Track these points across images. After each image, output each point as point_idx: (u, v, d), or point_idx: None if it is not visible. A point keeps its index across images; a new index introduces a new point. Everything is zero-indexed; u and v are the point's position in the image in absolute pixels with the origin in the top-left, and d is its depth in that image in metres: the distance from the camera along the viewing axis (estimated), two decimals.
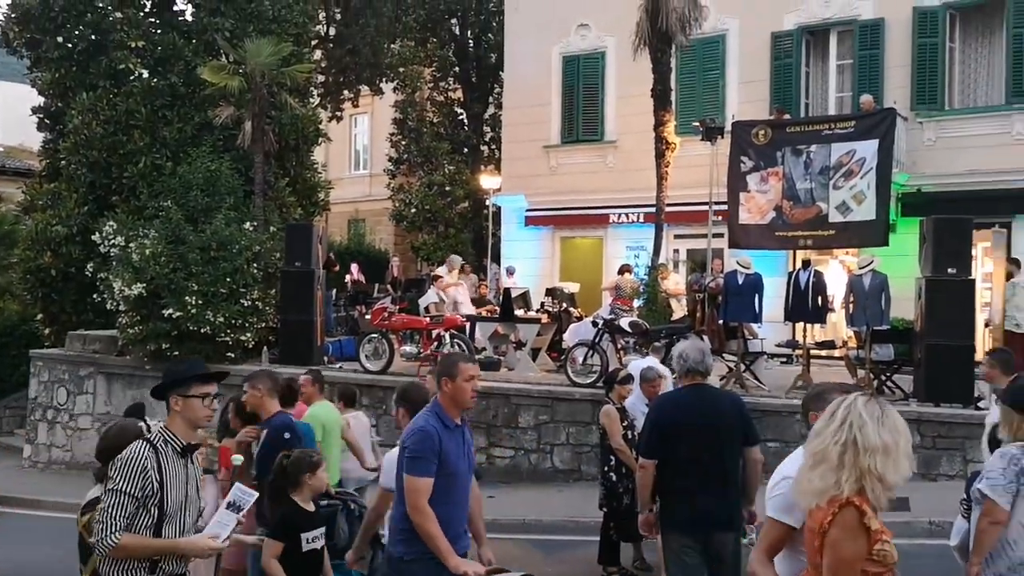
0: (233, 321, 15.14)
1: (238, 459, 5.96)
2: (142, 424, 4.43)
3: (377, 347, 14.13)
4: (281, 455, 5.22)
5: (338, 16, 25.50)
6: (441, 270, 17.20)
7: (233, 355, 15.21)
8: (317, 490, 5.12)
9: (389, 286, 20.48)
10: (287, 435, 5.82)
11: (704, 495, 5.20)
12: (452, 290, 16.36)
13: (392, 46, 25.93)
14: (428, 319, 14.51)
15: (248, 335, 15.38)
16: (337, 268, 19.46)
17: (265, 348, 15.53)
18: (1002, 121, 16.15)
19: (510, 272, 19.07)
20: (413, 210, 26.48)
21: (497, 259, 21.61)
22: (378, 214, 30.67)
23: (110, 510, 3.66)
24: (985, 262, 14.67)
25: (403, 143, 27.93)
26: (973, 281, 12.25)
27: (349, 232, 31.83)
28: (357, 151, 33.97)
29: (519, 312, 15.55)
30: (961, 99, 16.95)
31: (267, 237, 16.50)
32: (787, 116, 16.60)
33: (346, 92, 26.41)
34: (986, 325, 13.64)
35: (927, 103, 16.63)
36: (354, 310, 18.75)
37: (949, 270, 11.65)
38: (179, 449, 3.85)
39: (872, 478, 2.90)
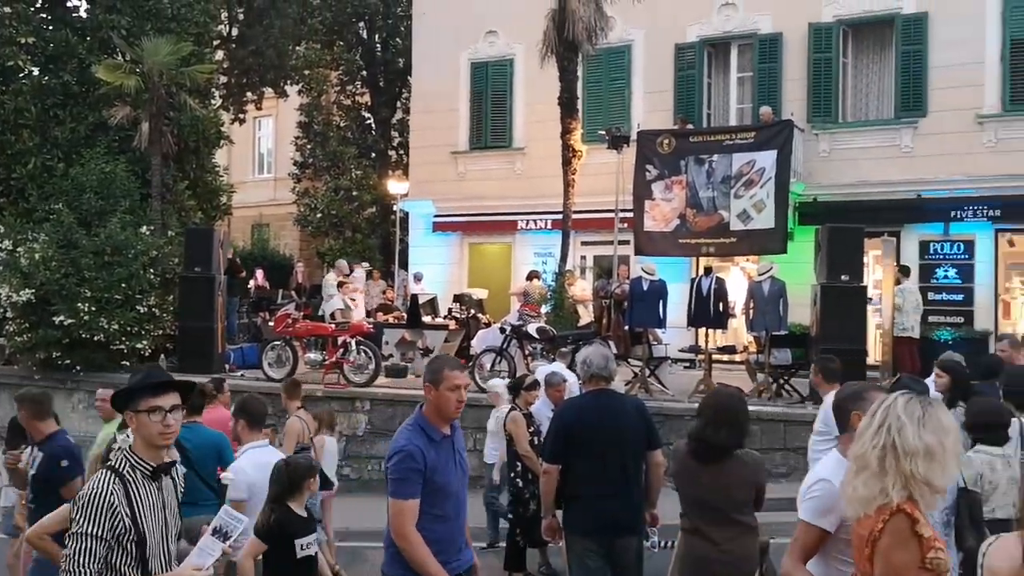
0: (128, 328, 14.66)
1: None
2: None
3: (280, 354, 13.85)
4: (281, 460, 5.10)
5: (241, 16, 24.94)
6: (329, 277, 16.89)
7: (128, 363, 14.68)
8: (311, 496, 5.07)
9: (293, 292, 20.11)
10: (64, 462, 5.63)
11: (607, 499, 5.22)
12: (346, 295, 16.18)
13: (297, 48, 25.50)
14: (333, 326, 14.28)
15: (144, 343, 14.90)
16: (243, 273, 19.01)
17: (163, 356, 15.06)
18: (891, 134, 16.84)
19: (418, 278, 18.94)
20: (319, 215, 26.06)
21: (405, 265, 21.46)
22: (283, 219, 30.09)
23: (77, 557, 3.18)
24: (876, 269, 15.24)
25: (309, 147, 27.46)
26: (864, 288, 12.73)
27: (253, 237, 31.15)
28: (261, 154, 33.29)
29: (427, 318, 15.45)
30: (854, 112, 17.61)
31: (165, 241, 16.02)
32: (690, 126, 16.96)
33: (249, 94, 25.84)
34: (877, 329, 14.18)
35: (822, 115, 17.23)
36: (257, 317, 18.34)
37: (842, 277, 12.07)
38: (148, 473, 3.37)
39: (918, 483, 2.75)
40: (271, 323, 15.70)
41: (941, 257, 16.26)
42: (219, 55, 24.09)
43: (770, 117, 16.10)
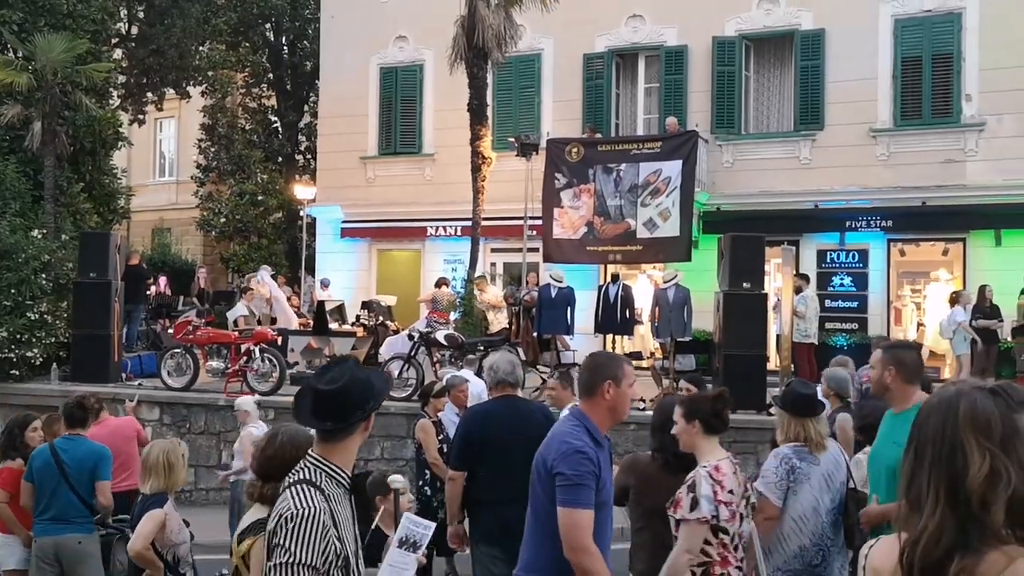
0: (18, 336, 14.04)
1: None
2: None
3: (180, 362, 13.44)
4: (360, 473, 4.70)
5: (141, 15, 24.16)
6: (254, 282, 16.60)
7: (18, 373, 14.06)
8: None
9: (195, 298, 19.54)
10: None
11: (513, 505, 5.17)
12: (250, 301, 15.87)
13: (200, 48, 24.83)
14: (236, 333, 13.93)
15: (35, 351, 14.26)
16: (151, 280, 18.46)
17: (55, 365, 14.41)
18: (791, 146, 17.38)
19: (325, 284, 18.66)
20: (223, 220, 25.43)
21: (312, 271, 21.10)
22: (185, 223, 29.22)
23: None
24: (777, 277, 15.67)
25: (213, 150, 26.78)
26: (765, 295, 13.05)
27: (154, 242, 30.16)
28: (163, 157, 32.29)
29: (334, 325, 15.21)
30: (756, 124, 18.12)
31: (58, 246, 15.40)
32: (599, 135, 17.21)
33: (150, 95, 25.03)
34: (777, 337, 14.57)
35: (725, 127, 17.66)
36: (156, 324, 17.76)
37: (744, 284, 12.34)
38: (345, 484, 2.88)
39: None
40: (171, 330, 15.25)
41: (837, 265, 16.84)
42: (118, 54, 23.29)
43: (676, 128, 16.43)
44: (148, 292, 19.56)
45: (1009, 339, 14.11)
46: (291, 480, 2.79)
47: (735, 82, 17.66)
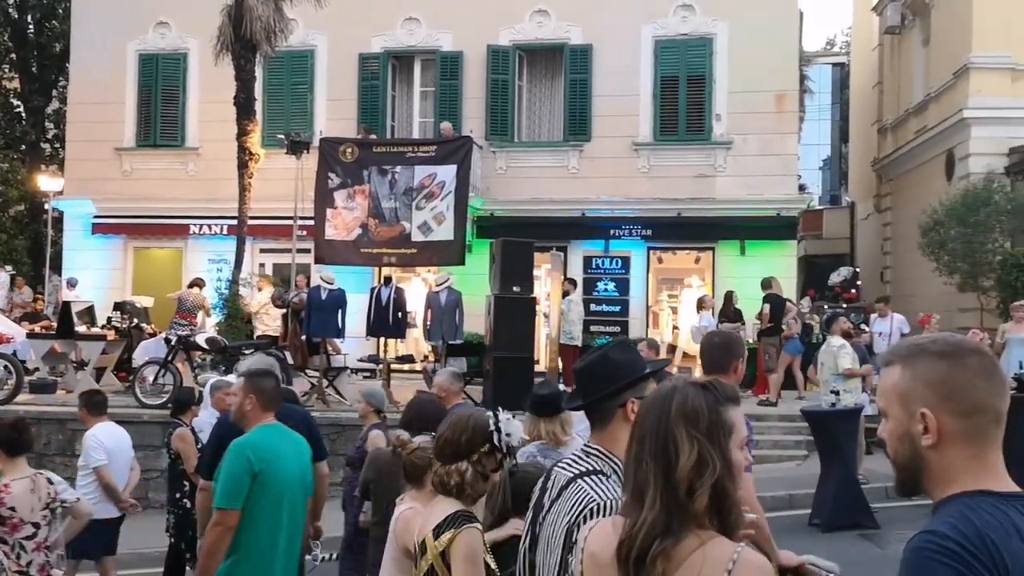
0: None
1: None
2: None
3: None
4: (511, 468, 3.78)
5: None
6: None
7: None
8: None
9: None
10: None
11: None
12: None
13: None
14: None
15: None
16: None
17: None
18: (560, 155, 17.98)
19: (71, 284, 17.18)
20: None
21: (58, 270, 19.39)
22: None
23: None
24: (546, 281, 16.14)
25: None
26: (534, 298, 13.36)
27: None
28: None
29: (81, 328, 14.00)
30: (528, 133, 18.59)
31: None
32: (373, 136, 16.98)
33: None
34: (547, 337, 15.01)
35: (499, 134, 17.99)
36: None
37: (514, 288, 12.56)
38: (619, 474, 2.66)
39: None
40: None
41: (602, 271, 17.61)
42: None
43: (450, 132, 16.54)
44: None
45: (751, 340, 15.28)
46: (581, 470, 2.63)
47: (509, 90, 18.04)
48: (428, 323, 13.20)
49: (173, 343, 12.36)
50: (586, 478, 2.61)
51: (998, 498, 1.60)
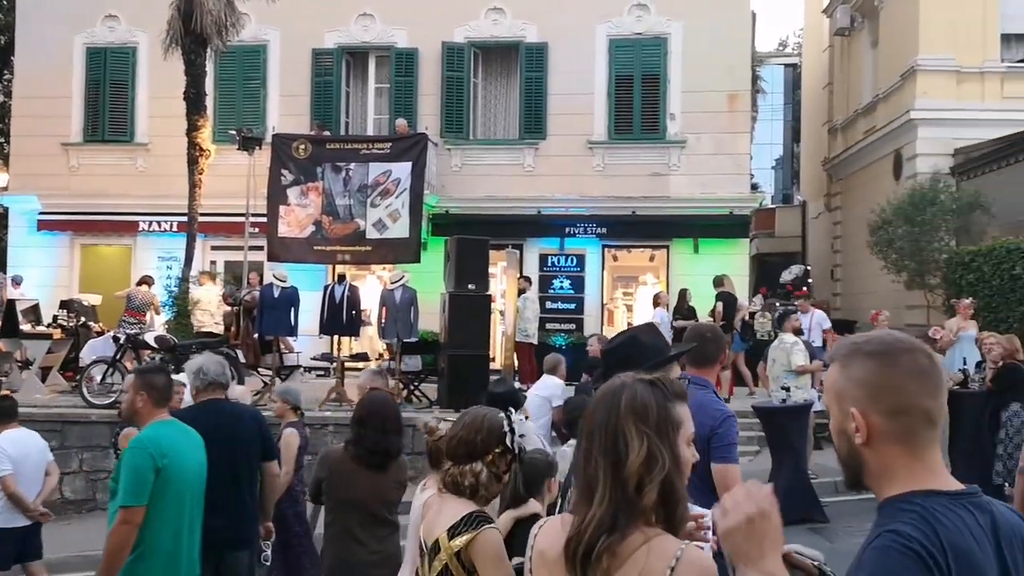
0: None
1: None
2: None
3: None
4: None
5: None
6: None
7: None
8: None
9: None
10: None
11: (216, 514, 4.88)
12: None
13: None
14: None
15: None
16: None
17: None
18: (516, 153, 17.99)
19: (16, 282, 16.77)
20: None
21: (3, 267, 18.93)
22: None
23: None
24: (501, 279, 16.13)
25: None
26: (490, 296, 13.36)
27: None
28: None
29: (26, 327, 13.72)
30: (484, 130, 18.57)
31: None
32: (327, 132, 16.84)
33: None
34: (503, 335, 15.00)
35: (455, 131, 17.95)
36: None
37: (469, 286, 12.55)
38: None
39: None
40: None
41: (557, 269, 17.66)
42: None
43: (405, 129, 16.44)
44: None
45: None
46: None
47: (464, 88, 17.99)
48: (383, 321, 13.11)
49: (122, 342, 12.14)
50: None
51: (948, 498, 1.62)
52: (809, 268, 24.56)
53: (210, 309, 14.95)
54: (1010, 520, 1.66)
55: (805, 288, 22.83)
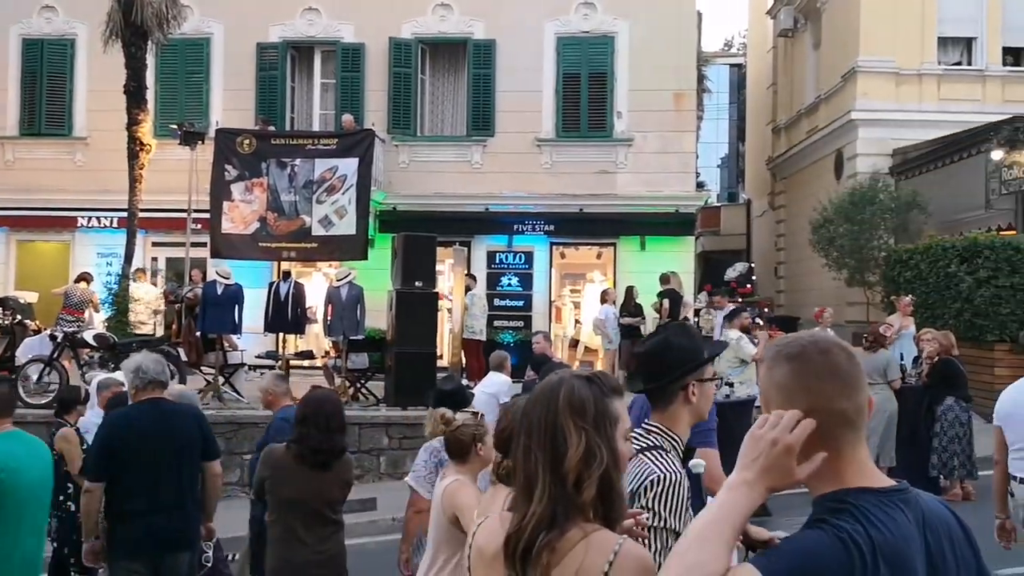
0: None
1: None
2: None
3: None
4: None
5: None
6: None
7: None
8: None
9: None
10: None
11: (156, 515, 4.83)
12: None
13: None
14: None
15: None
16: None
17: None
18: (463, 150, 17.94)
19: None
20: None
21: None
22: None
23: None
24: (449, 276, 16.09)
25: None
26: (437, 293, 13.32)
27: None
28: None
29: None
30: (431, 127, 18.49)
31: None
32: (272, 128, 16.63)
33: None
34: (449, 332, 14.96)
35: (401, 127, 17.84)
36: None
37: (416, 283, 12.49)
38: (682, 457, 2.86)
39: None
40: None
41: (505, 266, 17.66)
42: None
43: (352, 125, 16.31)
44: None
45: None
46: (643, 446, 2.75)
47: (411, 84, 17.89)
48: (329, 318, 13.00)
49: (59, 340, 11.85)
50: (647, 453, 2.74)
51: (878, 494, 1.65)
52: (753, 265, 24.95)
53: (149, 307, 14.67)
54: (938, 512, 1.70)
55: (749, 285, 23.20)
